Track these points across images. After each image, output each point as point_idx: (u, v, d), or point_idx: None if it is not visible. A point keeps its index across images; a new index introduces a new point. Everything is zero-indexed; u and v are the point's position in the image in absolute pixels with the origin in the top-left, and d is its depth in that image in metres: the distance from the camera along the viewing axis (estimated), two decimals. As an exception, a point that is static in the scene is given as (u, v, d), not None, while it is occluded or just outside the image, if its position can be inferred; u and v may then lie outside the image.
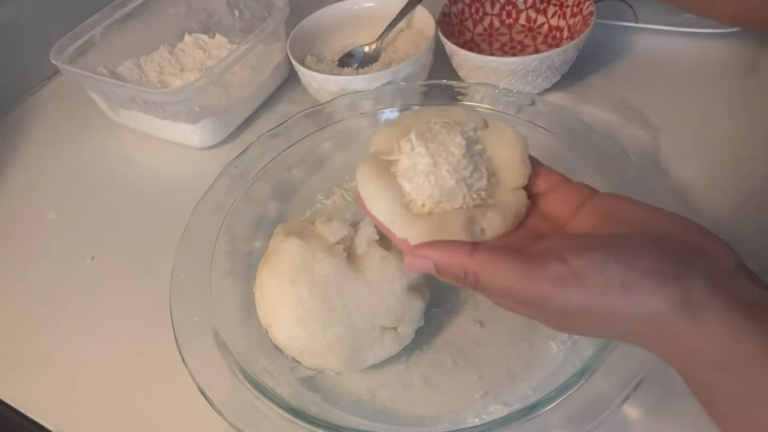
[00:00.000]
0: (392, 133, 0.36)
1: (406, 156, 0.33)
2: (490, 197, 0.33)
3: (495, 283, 0.28)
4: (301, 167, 0.56)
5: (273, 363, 0.43)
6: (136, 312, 0.51)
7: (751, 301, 0.25)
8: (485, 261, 0.28)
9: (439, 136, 0.34)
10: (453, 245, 0.29)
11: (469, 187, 0.33)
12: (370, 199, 0.33)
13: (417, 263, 0.30)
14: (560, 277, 0.26)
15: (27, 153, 0.70)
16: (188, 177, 0.62)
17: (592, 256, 0.26)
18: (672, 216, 0.29)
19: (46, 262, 0.57)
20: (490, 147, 0.35)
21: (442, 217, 0.32)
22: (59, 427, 0.46)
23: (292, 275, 0.41)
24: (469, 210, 0.32)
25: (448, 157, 0.33)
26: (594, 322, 0.27)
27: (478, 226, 0.32)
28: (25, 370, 0.49)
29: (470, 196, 0.33)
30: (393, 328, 0.42)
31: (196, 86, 0.58)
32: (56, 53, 0.63)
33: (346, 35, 0.69)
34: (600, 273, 0.25)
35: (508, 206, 0.33)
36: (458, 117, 0.36)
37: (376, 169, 0.34)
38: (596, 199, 0.32)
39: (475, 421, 0.39)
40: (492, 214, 0.32)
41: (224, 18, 0.74)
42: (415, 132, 0.34)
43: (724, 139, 0.54)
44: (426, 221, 0.32)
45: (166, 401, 0.45)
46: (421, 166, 0.33)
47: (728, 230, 0.48)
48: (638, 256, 0.26)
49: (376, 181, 0.33)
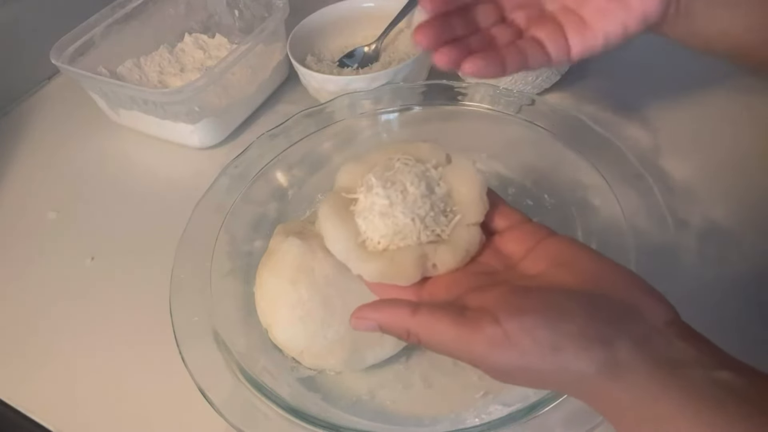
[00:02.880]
0: (356, 169, 0.38)
1: (364, 196, 0.35)
2: (445, 233, 0.35)
3: (435, 343, 0.30)
4: (301, 167, 0.56)
5: (273, 363, 0.43)
6: (136, 312, 0.51)
7: (677, 359, 0.26)
8: (425, 322, 0.30)
9: (399, 175, 0.36)
10: (395, 307, 0.31)
11: (423, 224, 0.34)
12: (327, 237, 0.36)
13: (361, 324, 0.32)
14: (494, 340, 0.28)
15: (27, 153, 0.70)
16: (188, 177, 0.62)
17: (524, 320, 0.27)
18: (616, 269, 0.31)
19: (46, 262, 0.57)
20: (450, 183, 0.37)
21: (395, 254, 0.34)
22: (59, 427, 0.46)
23: (292, 275, 0.41)
24: (422, 246, 0.34)
25: (405, 196, 0.35)
26: (529, 379, 0.29)
27: (430, 262, 0.34)
28: (25, 370, 0.49)
29: (424, 233, 0.34)
30: (393, 328, 0.42)
31: (196, 86, 0.58)
32: (56, 53, 0.63)
33: (346, 35, 0.69)
34: (530, 337, 0.27)
35: (460, 242, 0.34)
36: (422, 153, 0.38)
37: (336, 207, 0.36)
38: (549, 243, 0.33)
39: (475, 421, 0.39)
40: (444, 249, 0.34)
41: (224, 18, 0.74)
42: (374, 171, 0.36)
43: (725, 139, 0.54)
44: (379, 259, 0.34)
45: (166, 401, 0.45)
46: (378, 206, 0.34)
47: (728, 230, 0.48)
48: (568, 319, 0.27)
49: (333, 220, 0.35)
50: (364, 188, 0.36)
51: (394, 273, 0.34)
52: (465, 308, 0.30)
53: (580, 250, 0.32)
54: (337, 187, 0.38)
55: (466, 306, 0.30)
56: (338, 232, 0.35)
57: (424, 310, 0.30)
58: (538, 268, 0.32)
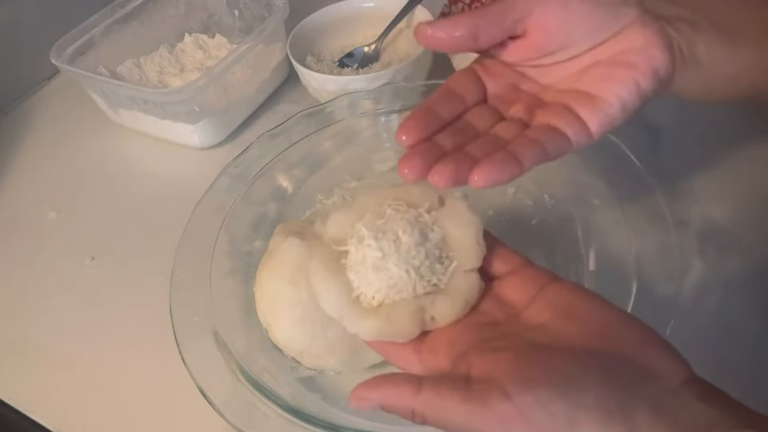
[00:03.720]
0: (346, 218, 0.36)
1: (355, 248, 0.34)
2: (442, 282, 0.33)
3: (442, 421, 0.28)
4: (301, 167, 0.56)
5: (273, 363, 0.43)
6: (136, 312, 0.51)
7: (696, 423, 0.25)
8: (431, 400, 0.28)
9: (391, 223, 0.34)
10: (397, 385, 0.29)
11: (419, 275, 0.33)
12: (319, 294, 0.34)
13: (361, 405, 0.30)
14: (506, 417, 0.26)
15: (27, 153, 0.70)
16: (188, 177, 0.62)
17: (537, 394, 0.26)
18: (623, 320, 0.29)
19: (46, 262, 0.57)
20: (444, 227, 0.35)
21: (391, 309, 0.32)
22: (59, 427, 0.46)
23: (292, 275, 0.41)
24: (419, 299, 0.33)
25: (398, 246, 0.33)
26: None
27: (428, 315, 0.32)
28: (25, 370, 0.49)
29: (420, 284, 0.33)
30: (393, 328, 0.42)
31: (196, 86, 0.58)
32: (56, 53, 0.63)
33: (346, 35, 0.69)
34: (545, 411, 0.25)
35: (458, 291, 0.33)
36: (413, 197, 0.36)
37: (326, 263, 0.34)
38: (552, 290, 0.32)
39: (475, 421, 0.39)
40: (442, 301, 0.32)
41: (224, 18, 0.74)
42: (364, 221, 0.34)
43: (726, 139, 0.54)
44: (374, 316, 0.32)
45: (166, 401, 0.45)
46: (370, 259, 0.33)
47: (728, 231, 0.48)
48: (584, 389, 0.26)
49: (324, 276, 0.34)
50: (354, 240, 0.34)
51: (391, 330, 0.32)
52: (471, 380, 0.28)
53: (585, 299, 0.30)
54: (326, 239, 0.36)
55: (470, 376, 0.28)
56: (330, 288, 0.33)
57: (428, 387, 0.28)
58: (541, 318, 0.30)
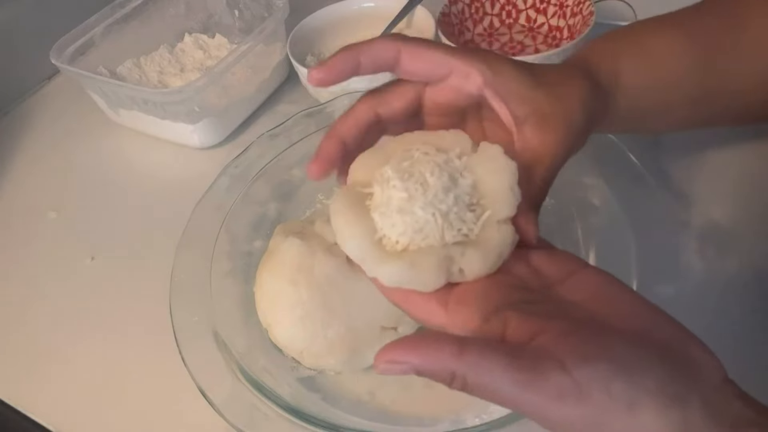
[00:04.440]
0: (371, 160, 0.34)
1: (380, 189, 0.31)
2: (473, 233, 0.30)
3: (486, 390, 0.25)
4: (301, 167, 0.56)
5: (273, 363, 0.43)
6: (135, 312, 0.51)
7: (737, 420, 0.24)
8: (475, 364, 0.25)
9: (418, 165, 0.32)
10: (439, 344, 0.25)
11: (447, 222, 0.30)
12: (340, 234, 0.31)
13: (392, 370, 0.26)
14: (562, 391, 0.23)
15: (27, 153, 0.70)
16: (188, 177, 0.62)
17: (598, 368, 0.24)
18: (664, 317, 0.27)
19: (45, 262, 0.57)
20: (475, 172, 0.32)
21: (416, 255, 0.30)
22: (59, 427, 0.46)
23: (292, 275, 0.41)
24: (447, 248, 0.30)
25: (425, 190, 0.31)
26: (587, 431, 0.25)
27: (456, 266, 0.30)
28: (25, 370, 0.49)
29: (449, 232, 0.30)
30: (393, 328, 0.42)
31: (196, 86, 0.58)
32: (56, 53, 0.63)
33: (346, 35, 0.69)
34: (605, 389, 0.24)
35: (491, 244, 0.30)
36: (444, 142, 0.34)
37: (350, 202, 0.32)
38: (589, 273, 0.30)
39: (475, 421, 0.39)
40: (472, 252, 0.29)
41: (224, 18, 0.74)
42: (391, 163, 0.32)
43: (726, 139, 0.54)
44: (398, 260, 0.30)
45: (166, 401, 0.45)
46: (395, 200, 0.30)
47: (728, 231, 0.48)
48: (645, 373, 0.24)
49: (347, 215, 0.31)
50: (379, 181, 0.32)
51: (414, 277, 0.29)
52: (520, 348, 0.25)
53: (622, 288, 0.29)
54: (351, 182, 0.34)
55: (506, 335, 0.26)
56: (352, 228, 0.31)
57: (473, 349, 0.25)
58: (577, 297, 0.28)
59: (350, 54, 0.33)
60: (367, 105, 0.35)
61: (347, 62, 0.33)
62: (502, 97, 0.33)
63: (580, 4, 0.62)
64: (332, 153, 0.34)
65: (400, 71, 0.34)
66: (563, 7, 0.65)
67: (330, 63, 0.33)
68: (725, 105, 0.42)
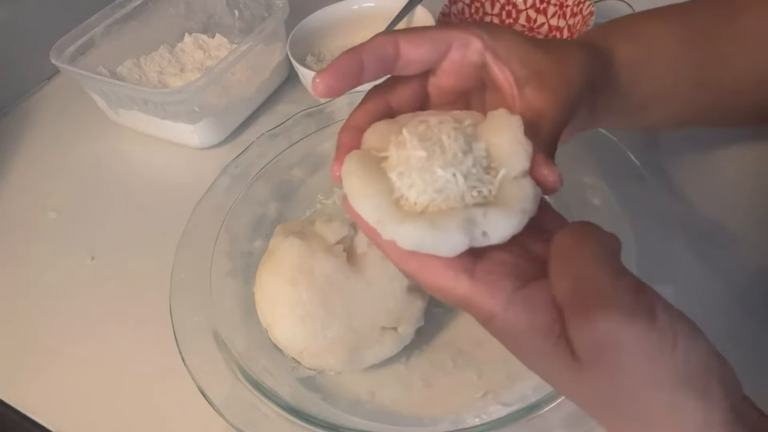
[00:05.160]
0: (386, 128, 0.33)
1: (396, 150, 0.30)
2: (491, 194, 0.29)
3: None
4: (301, 167, 0.56)
5: (273, 363, 0.43)
6: (136, 312, 0.51)
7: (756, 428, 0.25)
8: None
9: (434, 129, 0.31)
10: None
11: (468, 183, 0.29)
12: (355, 194, 0.29)
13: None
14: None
15: (27, 153, 0.70)
16: (188, 177, 0.62)
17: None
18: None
19: (46, 262, 0.57)
20: (486, 138, 0.31)
21: (436, 216, 0.28)
22: (59, 427, 0.46)
23: (292, 275, 0.41)
24: (468, 209, 0.28)
25: (443, 151, 0.29)
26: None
27: (479, 229, 0.27)
28: (25, 370, 0.49)
29: (469, 193, 0.28)
30: (393, 328, 0.42)
31: (196, 86, 0.58)
32: (56, 53, 0.63)
33: (346, 35, 0.69)
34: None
35: (512, 200, 0.28)
36: (457, 116, 0.33)
37: (364, 163, 0.30)
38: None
39: (475, 421, 0.39)
40: (494, 213, 0.27)
41: (224, 18, 0.74)
42: (407, 126, 0.31)
43: (726, 139, 0.54)
44: (418, 221, 0.28)
45: (166, 401, 0.45)
46: (414, 159, 0.29)
47: (729, 231, 0.48)
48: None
49: (362, 175, 0.29)
50: (395, 144, 0.30)
51: (435, 239, 0.27)
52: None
53: None
54: (365, 147, 0.32)
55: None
56: (368, 187, 0.29)
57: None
58: None
59: (352, 54, 0.32)
60: (377, 96, 0.35)
61: (351, 63, 0.32)
62: (503, 60, 0.33)
63: (580, 4, 0.62)
64: (354, 145, 0.33)
65: (402, 62, 0.33)
66: (563, 7, 0.65)
67: (333, 66, 0.32)
68: (722, 96, 0.43)
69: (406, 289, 0.42)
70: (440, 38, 0.33)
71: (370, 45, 0.33)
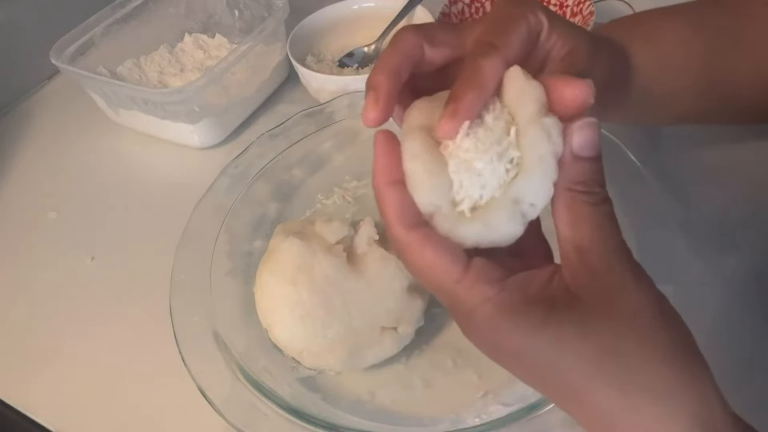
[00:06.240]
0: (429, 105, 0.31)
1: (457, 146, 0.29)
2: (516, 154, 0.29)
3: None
4: (301, 167, 0.56)
5: (273, 363, 0.43)
6: (136, 312, 0.51)
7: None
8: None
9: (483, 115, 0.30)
10: None
11: (502, 163, 0.28)
12: (417, 182, 0.29)
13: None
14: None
15: (27, 153, 0.70)
16: (188, 177, 0.62)
17: None
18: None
19: (46, 262, 0.57)
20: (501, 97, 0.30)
21: (486, 212, 0.28)
22: (59, 427, 0.46)
23: (292, 275, 0.41)
24: (508, 190, 0.28)
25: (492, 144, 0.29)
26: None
27: (526, 203, 0.28)
28: (25, 370, 0.49)
29: (505, 173, 0.28)
30: (393, 328, 0.42)
31: (196, 86, 0.58)
32: (56, 53, 0.63)
33: (346, 35, 0.69)
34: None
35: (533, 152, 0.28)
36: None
37: (427, 147, 0.29)
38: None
39: (475, 421, 0.39)
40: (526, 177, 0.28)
41: (224, 18, 0.74)
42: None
43: (726, 139, 0.54)
44: (472, 225, 0.28)
45: (166, 401, 0.45)
46: (477, 162, 0.28)
47: (728, 231, 0.48)
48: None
49: (427, 164, 0.29)
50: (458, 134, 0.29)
51: (494, 237, 0.28)
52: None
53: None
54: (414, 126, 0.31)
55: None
56: (431, 180, 0.28)
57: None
58: None
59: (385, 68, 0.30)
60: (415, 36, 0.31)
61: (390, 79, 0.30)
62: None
63: (580, 4, 0.62)
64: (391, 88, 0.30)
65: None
66: (563, 7, 0.65)
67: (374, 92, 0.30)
68: (730, 96, 0.43)
69: (406, 289, 0.42)
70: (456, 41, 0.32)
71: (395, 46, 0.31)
